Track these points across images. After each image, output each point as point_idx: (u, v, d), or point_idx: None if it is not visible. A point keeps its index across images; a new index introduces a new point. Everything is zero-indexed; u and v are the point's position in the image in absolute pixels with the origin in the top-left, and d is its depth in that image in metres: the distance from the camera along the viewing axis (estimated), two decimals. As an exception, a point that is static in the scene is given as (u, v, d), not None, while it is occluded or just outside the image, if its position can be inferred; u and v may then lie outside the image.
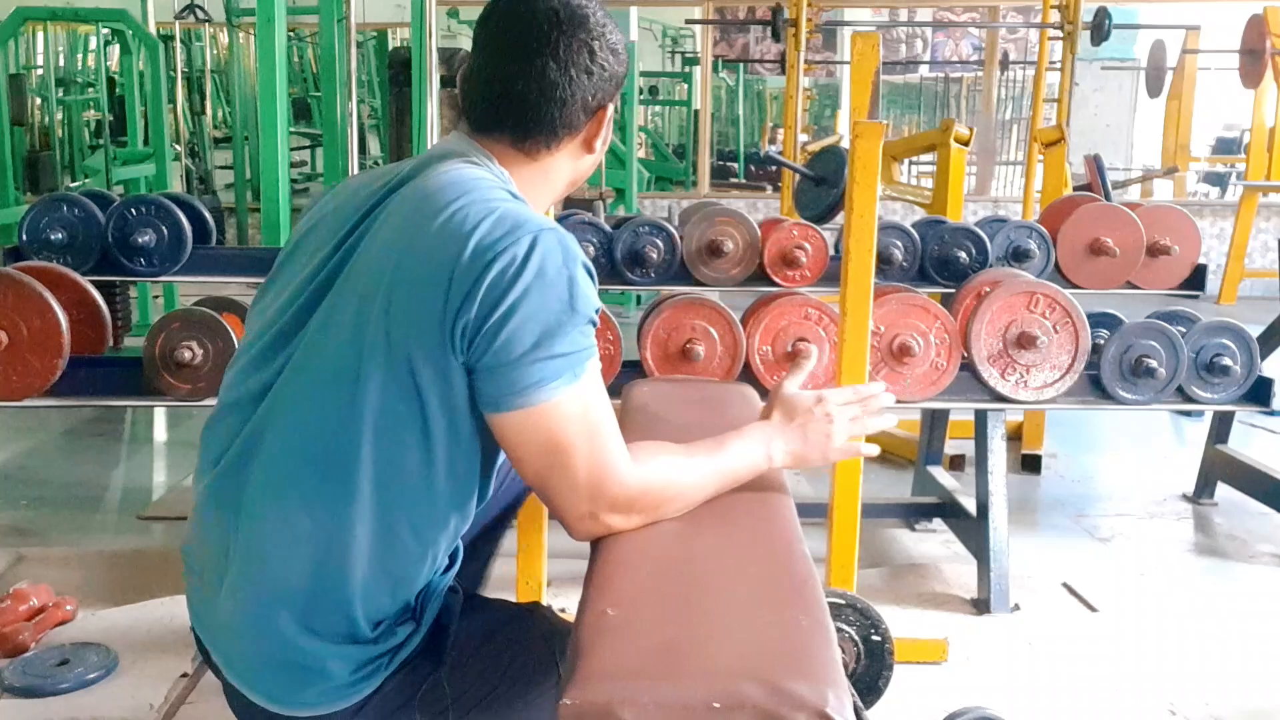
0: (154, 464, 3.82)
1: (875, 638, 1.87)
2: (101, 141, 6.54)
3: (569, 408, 1.16)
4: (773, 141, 9.76)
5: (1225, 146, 10.18)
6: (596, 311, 1.20)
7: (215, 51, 9.42)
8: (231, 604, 1.22)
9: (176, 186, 6.91)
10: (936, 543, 2.97)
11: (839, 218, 3.13)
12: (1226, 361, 2.55)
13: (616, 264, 2.83)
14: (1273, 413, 2.78)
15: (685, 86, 10.18)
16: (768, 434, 1.37)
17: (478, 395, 1.18)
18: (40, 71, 7.65)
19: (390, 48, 7.78)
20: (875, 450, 1.48)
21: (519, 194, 1.28)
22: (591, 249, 2.80)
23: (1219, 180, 10.02)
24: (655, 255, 2.78)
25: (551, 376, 1.15)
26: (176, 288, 5.23)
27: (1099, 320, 2.76)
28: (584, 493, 1.20)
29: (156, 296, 5.68)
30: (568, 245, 1.19)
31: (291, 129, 7.47)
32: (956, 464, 3.45)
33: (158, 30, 6.29)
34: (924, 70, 11.74)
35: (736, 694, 0.94)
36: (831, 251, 2.86)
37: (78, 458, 3.71)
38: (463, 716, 1.26)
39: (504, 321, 1.14)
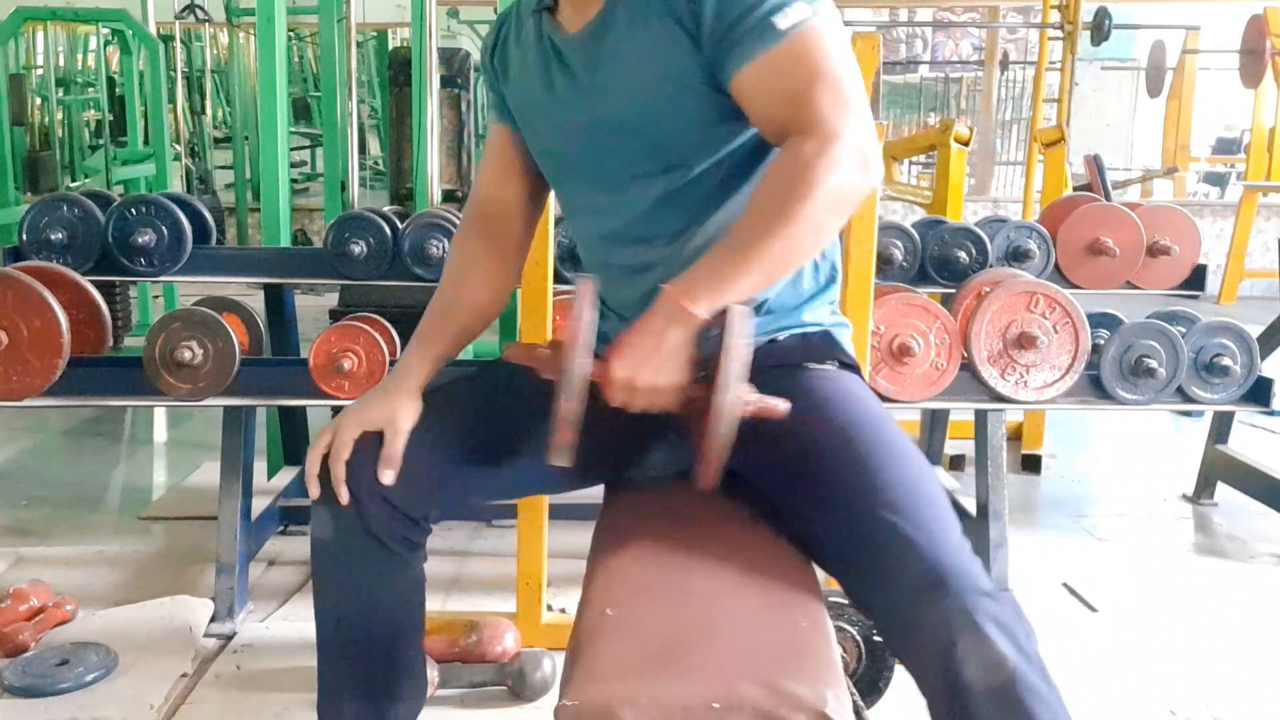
0: (154, 464, 3.81)
1: (876, 638, 1.87)
2: (101, 141, 6.54)
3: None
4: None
5: (1225, 146, 10.20)
6: None
7: (215, 51, 9.42)
8: None
9: (176, 186, 6.91)
10: (936, 543, 2.97)
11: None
12: (1226, 361, 2.55)
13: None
14: (1273, 413, 2.78)
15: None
16: None
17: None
18: (40, 71, 7.63)
19: (390, 48, 7.78)
20: None
21: None
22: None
23: (1219, 180, 10.04)
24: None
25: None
26: (176, 288, 5.23)
27: (1099, 320, 2.75)
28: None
29: (156, 296, 5.68)
30: None
31: (291, 129, 7.48)
32: (956, 464, 3.45)
33: (158, 30, 6.28)
34: (924, 70, 11.75)
35: (736, 694, 0.94)
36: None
37: (78, 458, 3.71)
38: None
39: None
